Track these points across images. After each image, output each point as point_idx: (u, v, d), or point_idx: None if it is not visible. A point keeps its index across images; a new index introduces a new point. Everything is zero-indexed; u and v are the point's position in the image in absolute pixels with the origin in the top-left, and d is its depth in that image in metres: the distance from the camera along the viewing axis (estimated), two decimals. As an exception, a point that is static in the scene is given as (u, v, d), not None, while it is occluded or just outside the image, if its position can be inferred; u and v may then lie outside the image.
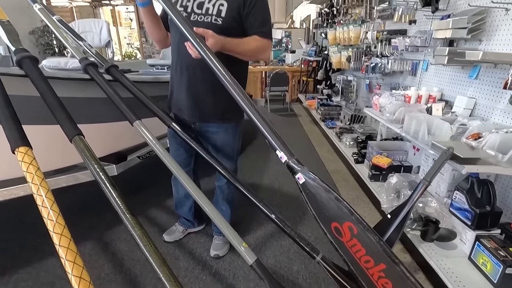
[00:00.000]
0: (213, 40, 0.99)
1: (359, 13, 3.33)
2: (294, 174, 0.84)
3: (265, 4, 1.23)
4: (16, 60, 1.14)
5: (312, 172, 0.82)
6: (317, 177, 0.81)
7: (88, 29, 2.48)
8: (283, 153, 0.85)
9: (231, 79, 0.95)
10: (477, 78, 1.64)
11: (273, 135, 0.88)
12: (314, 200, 0.78)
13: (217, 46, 1.02)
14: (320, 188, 0.78)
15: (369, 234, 0.71)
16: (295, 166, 0.83)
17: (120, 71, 1.50)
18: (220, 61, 1.00)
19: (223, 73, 0.95)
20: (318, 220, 0.74)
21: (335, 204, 0.75)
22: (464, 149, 1.29)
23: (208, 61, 0.97)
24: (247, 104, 0.91)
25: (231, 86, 0.94)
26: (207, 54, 0.97)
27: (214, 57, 0.97)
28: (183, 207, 1.72)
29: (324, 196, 0.76)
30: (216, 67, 0.96)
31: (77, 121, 1.07)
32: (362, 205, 2.16)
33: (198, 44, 0.97)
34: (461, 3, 1.76)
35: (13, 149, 0.89)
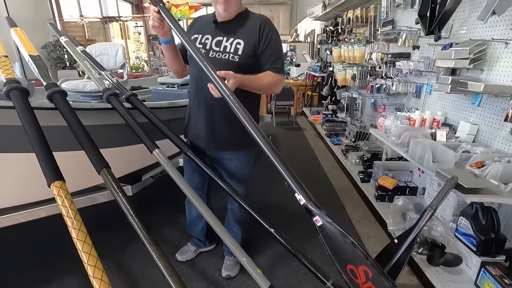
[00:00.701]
0: (233, 81, 1.08)
1: (363, 33, 3.43)
2: (312, 216, 0.89)
3: (278, 41, 1.31)
4: (48, 94, 1.23)
5: (329, 216, 0.87)
6: (334, 221, 0.86)
7: (105, 52, 2.60)
8: (302, 196, 0.90)
9: (250, 119, 1.03)
10: (480, 106, 1.70)
11: (292, 178, 0.93)
12: (331, 242, 0.83)
13: (236, 85, 1.10)
14: (337, 232, 0.83)
15: (383, 279, 0.75)
16: (313, 209, 0.88)
17: (139, 99, 1.60)
18: (236, 94, 1.09)
19: (242, 112, 1.04)
20: (334, 261, 0.80)
21: (351, 248, 0.79)
22: (468, 177, 1.34)
23: (228, 100, 1.05)
24: (267, 147, 0.98)
25: (251, 127, 1.02)
26: (227, 94, 1.05)
27: (233, 97, 1.05)
28: (196, 228, 1.78)
29: (341, 240, 0.81)
30: (236, 107, 1.04)
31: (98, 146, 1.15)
32: (369, 225, 2.20)
33: (219, 86, 1.05)
34: (462, 33, 1.84)
35: (48, 184, 0.97)
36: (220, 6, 1.24)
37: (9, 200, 1.43)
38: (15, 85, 1.12)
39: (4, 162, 1.32)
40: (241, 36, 1.28)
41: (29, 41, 1.44)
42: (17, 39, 1.44)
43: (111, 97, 1.44)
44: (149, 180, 2.05)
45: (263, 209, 2.38)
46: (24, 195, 1.46)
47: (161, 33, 1.26)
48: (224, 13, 1.26)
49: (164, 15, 1.19)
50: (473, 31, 1.75)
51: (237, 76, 1.11)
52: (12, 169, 1.36)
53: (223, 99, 1.07)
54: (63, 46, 1.60)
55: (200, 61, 1.10)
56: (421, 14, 1.95)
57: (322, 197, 2.63)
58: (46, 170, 0.98)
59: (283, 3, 11.86)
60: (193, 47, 1.16)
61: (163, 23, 1.23)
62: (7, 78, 1.17)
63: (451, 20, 1.81)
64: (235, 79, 1.08)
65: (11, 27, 1.50)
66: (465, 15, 1.82)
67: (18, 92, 1.12)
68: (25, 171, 1.40)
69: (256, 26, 1.28)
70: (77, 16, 7.67)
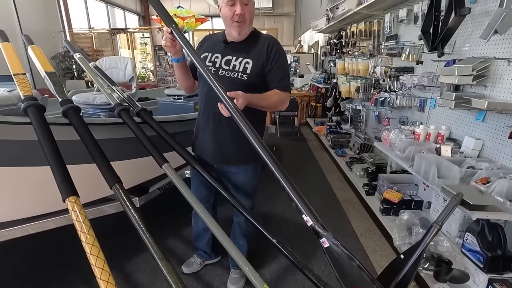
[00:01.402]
0: (242, 100, 1.12)
1: (367, 47, 3.48)
2: (319, 238, 0.90)
3: (285, 61, 1.36)
4: (63, 110, 1.27)
5: (336, 238, 0.88)
6: (340, 244, 0.87)
7: (114, 66, 2.68)
8: (309, 218, 0.91)
9: (258, 138, 1.06)
10: (484, 121, 1.72)
11: (299, 199, 0.95)
12: (337, 264, 0.84)
13: (245, 104, 1.14)
14: (343, 254, 0.84)
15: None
16: (321, 231, 0.90)
17: (148, 114, 1.64)
18: (244, 111, 1.12)
19: (250, 131, 1.07)
20: (341, 282, 0.81)
21: (358, 271, 0.80)
22: (473, 194, 1.35)
23: (237, 119, 1.08)
24: (275, 166, 1.00)
25: (259, 147, 1.05)
26: (236, 114, 1.08)
27: (242, 116, 1.09)
28: (202, 240, 1.79)
29: (347, 263, 0.82)
30: (244, 126, 1.08)
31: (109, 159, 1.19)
32: (374, 238, 2.20)
33: (229, 105, 1.09)
34: (465, 50, 1.87)
35: (63, 198, 1.00)
36: (234, 30, 1.29)
37: (23, 211, 1.46)
38: (32, 102, 1.17)
39: (18, 176, 1.36)
40: (250, 56, 1.32)
41: (45, 58, 1.50)
42: (34, 56, 1.50)
43: (122, 112, 1.49)
44: (156, 192, 2.07)
45: (268, 220, 2.41)
46: (37, 207, 1.49)
47: (173, 52, 1.32)
48: (238, 36, 1.31)
49: (177, 35, 1.24)
50: (476, 48, 1.79)
51: (246, 96, 1.15)
52: (27, 182, 1.40)
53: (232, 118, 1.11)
54: (77, 62, 1.64)
55: (211, 81, 1.14)
56: (424, 30, 1.99)
57: (327, 209, 2.64)
58: (61, 185, 1.01)
59: (287, 15, 12.08)
60: (204, 67, 1.20)
61: (175, 43, 1.29)
62: (25, 95, 1.22)
63: (454, 37, 1.85)
64: (243, 99, 1.13)
65: (28, 45, 1.56)
66: (467, 32, 1.85)
67: (35, 108, 1.17)
68: (38, 184, 1.44)
69: (264, 46, 1.33)
70: (86, 28, 7.87)
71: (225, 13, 1.28)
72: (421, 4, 2.27)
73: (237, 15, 1.25)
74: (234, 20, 1.26)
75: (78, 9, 8.03)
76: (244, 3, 1.25)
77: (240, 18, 1.25)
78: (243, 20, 1.27)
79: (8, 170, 1.31)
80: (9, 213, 1.42)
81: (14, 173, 1.33)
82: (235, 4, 1.24)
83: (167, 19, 1.26)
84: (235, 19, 1.26)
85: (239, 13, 1.24)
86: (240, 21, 1.26)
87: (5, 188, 1.33)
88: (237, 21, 1.26)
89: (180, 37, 1.25)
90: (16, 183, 1.36)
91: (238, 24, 1.27)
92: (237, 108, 1.10)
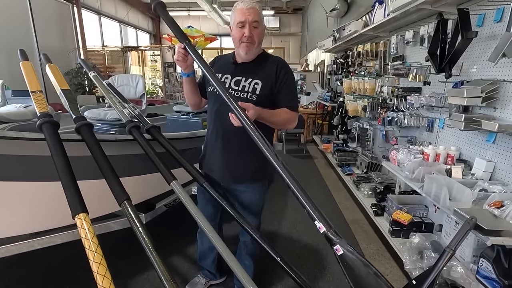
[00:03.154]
0: (253, 112, 1.15)
1: (373, 66, 3.52)
2: (332, 245, 0.87)
3: (293, 82, 1.40)
4: (76, 127, 1.30)
5: (350, 245, 0.86)
6: (355, 250, 0.84)
7: (126, 83, 2.76)
8: (322, 224, 0.89)
9: (269, 146, 1.08)
10: (495, 143, 1.70)
11: (311, 205, 0.94)
12: (352, 273, 0.80)
13: (256, 115, 1.17)
14: (358, 261, 0.80)
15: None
16: (334, 238, 0.87)
17: (158, 131, 1.66)
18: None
19: (261, 140, 1.08)
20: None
21: (374, 279, 0.77)
22: (487, 218, 1.31)
23: (248, 129, 1.10)
24: (286, 173, 1.01)
25: (271, 155, 1.06)
26: (247, 123, 1.10)
27: (253, 126, 1.11)
28: (207, 260, 1.76)
29: (363, 270, 0.79)
30: (256, 135, 1.09)
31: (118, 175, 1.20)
32: (384, 261, 2.13)
33: (240, 115, 1.11)
34: (473, 71, 1.88)
35: (73, 215, 1.00)
36: (242, 49, 1.33)
37: (32, 226, 1.47)
38: (47, 119, 1.20)
39: (31, 190, 1.37)
40: (259, 77, 1.35)
41: (62, 76, 1.56)
42: (51, 74, 1.56)
43: (133, 129, 1.51)
44: (162, 208, 2.07)
45: (273, 240, 2.36)
46: (46, 222, 1.49)
47: (184, 67, 1.37)
48: (246, 55, 1.35)
49: (190, 51, 1.28)
50: (484, 70, 1.80)
51: (257, 108, 1.18)
52: (38, 196, 1.41)
53: (243, 128, 1.12)
54: (90, 78, 1.70)
55: (222, 92, 1.17)
56: (431, 52, 2.02)
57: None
58: (72, 202, 1.02)
59: (294, 34, 12.38)
60: (216, 79, 1.22)
61: (187, 58, 1.33)
62: (40, 112, 1.26)
63: (461, 58, 1.86)
64: (254, 110, 1.16)
65: (46, 63, 1.62)
66: (475, 54, 1.87)
67: (50, 125, 1.20)
68: (49, 199, 1.45)
69: (273, 68, 1.36)
70: (100, 46, 8.16)
71: (235, 34, 1.33)
72: (427, 26, 2.31)
73: (245, 37, 1.29)
74: (243, 41, 1.30)
75: (93, 27, 8.36)
76: (253, 26, 1.30)
77: (248, 40, 1.30)
78: (251, 41, 1.31)
79: (20, 185, 1.33)
80: (18, 228, 1.43)
81: (26, 188, 1.35)
82: (245, 26, 1.29)
83: (181, 36, 1.31)
84: (243, 40, 1.30)
85: (248, 35, 1.29)
86: (248, 43, 1.30)
87: (16, 202, 1.35)
88: (245, 42, 1.30)
89: (193, 52, 1.29)
90: (28, 197, 1.37)
91: (246, 45, 1.31)
92: (248, 118, 1.11)
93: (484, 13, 1.79)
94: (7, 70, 5.73)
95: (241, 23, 1.29)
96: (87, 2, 7.89)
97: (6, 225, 1.39)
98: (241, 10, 1.29)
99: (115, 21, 9.56)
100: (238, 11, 1.29)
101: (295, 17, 12.00)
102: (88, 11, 8.08)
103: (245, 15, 1.27)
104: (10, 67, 5.80)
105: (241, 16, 1.28)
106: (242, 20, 1.28)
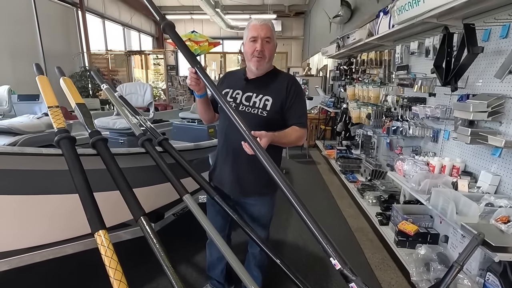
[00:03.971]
0: (266, 140, 1.17)
1: (377, 74, 3.55)
2: (348, 282, 0.90)
3: (303, 99, 1.43)
4: (91, 142, 1.33)
5: (366, 284, 0.89)
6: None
7: (134, 91, 2.79)
8: (337, 262, 0.91)
9: (282, 176, 1.09)
10: (500, 157, 1.72)
11: (327, 242, 0.95)
12: None
13: (268, 143, 1.19)
14: None
15: None
16: (350, 276, 0.90)
17: (170, 143, 1.69)
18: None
19: (275, 170, 1.10)
20: None
21: None
22: (494, 233, 1.34)
23: (261, 158, 1.12)
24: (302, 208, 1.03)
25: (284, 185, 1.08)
26: (260, 152, 1.13)
27: (265, 154, 1.13)
28: (215, 270, 1.79)
29: None
30: (268, 163, 1.11)
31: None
32: (389, 271, 2.15)
33: (253, 144, 1.13)
34: (478, 85, 1.91)
35: (93, 232, 1.03)
36: (253, 63, 1.36)
37: (47, 237, 1.49)
38: (65, 135, 1.23)
39: (48, 203, 1.40)
40: (270, 93, 1.39)
41: (76, 90, 1.59)
42: (65, 87, 1.59)
43: (146, 143, 1.54)
44: (170, 218, 2.09)
45: (280, 249, 2.38)
46: (60, 233, 1.52)
47: (197, 89, 1.39)
48: (257, 70, 1.38)
49: (201, 75, 1.30)
50: (489, 85, 1.82)
51: (269, 135, 1.20)
52: (54, 209, 1.44)
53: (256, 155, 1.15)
54: (104, 92, 1.73)
55: (236, 121, 1.19)
56: (436, 65, 2.04)
57: (339, 237, 2.61)
58: (91, 219, 1.04)
59: (296, 38, 12.44)
60: (228, 106, 1.24)
61: (199, 81, 1.36)
62: (58, 127, 1.28)
63: (467, 72, 1.89)
64: (267, 138, 1.18)
65: (60, 76, 1.66)
66: (480, 68, 1.90)
67: (68, 141, 1.23)
68: (62, 212, 1.48)
69: (284, 84, 1.39)
70: (103, 49, 8.22)
71: (247, 49, 1.36)
72: (432, 38, 2.33)
73: (257, 51, 1.33)
74: (254, 55, 1.34)
75: (96, 31, 8.42)
76: (265, 41, 1.33)
77: (259, 54, 1.33)
78: (263, 56, 1.35)
79: (37, 199, 1.35)
80: (34, 239, 1.45)
81: (42, 201, 1.37)
82: (257, 41, 1.33)
83: (193, 60, 1.33)
84: (255, 54, 1.34)
85: (259, 50, 1.32)
86: (259, 57, 1.34)
87: (33, 215, 1.37)
88: (257, 57, 1.34)
89: (204, 77, 1.31)
90: (44, 210, 1.40)
91: (257, 59, 1.35)
92: (261, 147, 1.14)
93: (490, 29, 1.82)
94: (12, 74, 5.78)
95: (254, 38, 1.33)
96: (91, 6, 7.96)
97: (22, 237, 1.41)
98: (254, 26, 1.34)
99: (119, 24, 9.63)
100: (252, 27, 1.34)
101: (297, 21, 12.07)
102: (92, 15, 8.15)
103: (258, 31, 1.32)
104: (15, 71, 5.85)
105: (254, 31, 1.33)
106: (254, 35, 1.32)
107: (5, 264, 1.45)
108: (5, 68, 5.71)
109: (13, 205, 1.28)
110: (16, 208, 1.30)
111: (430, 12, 1.96)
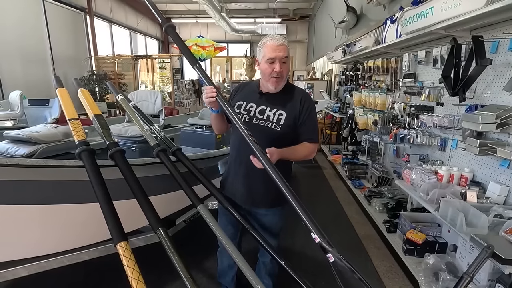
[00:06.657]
0: (276, 156, 1.23)
1: (383, 81, 3.57)
2: (325, 253, 1.05)
3: (315, 115, 1.48)
4: (110, 154, 1.38)
5: (341, 254, 1.04)
6: (344, 259, 1.02)
7: (145, 99, 2.85)
8: (317, 235, 1.06)
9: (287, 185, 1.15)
10: (509, 168, 1.74)
11: (308, 219, 1.09)
12: (342, 277, 1.01)
13: (277, 159, 1.24)
14: (346, 268, 1.01)
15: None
16: (327, 247, 1.05)
17: (183, 153, 1.74)
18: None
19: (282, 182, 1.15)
20: None
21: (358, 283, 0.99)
22: (503, 246, 1.36)
23: (270, 172, 1.17)
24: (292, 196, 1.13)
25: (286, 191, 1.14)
26: (270, 167, 1.18)
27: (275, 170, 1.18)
28: (226, 277, 1.82)
29: (350, 276, 1.00)
30: (276, 176, 1.16)
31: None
32: (397, 280, 2.17)
33: (264, 158, 1.18)
34: (487, 96, 1.93)
35: (115, 244, 1.07)
36: (272, 84, 1.40)
37: (66, 244, 1.54)
38: (86, 147, 1.28)
39: (68, 212, 1.45)
40: (284, 108, 1.42)
41: (93, 102, 1.64)
42: (83, 99, 1.64)
43: (160, 153, 1.59)
44: (182, 224, 2.13)
45: (288, 256, 2.40)
46: (77, 240, 1.57)
47: (214, 106, 1.40)
48: (274, 90, 1.42)
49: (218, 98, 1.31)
50: (498, 96, 1.84)
51: (279, 152, 1.25)
52: (74, 217, 1.48)
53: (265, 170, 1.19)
54: (119, 102, 1.78)
55: (250, 140, 1.22)
56: (444, 75, 2.07)
57: (346, 244, 2.62)
58: (113, 231, 1.08)
59: (300, 41, 12.48)
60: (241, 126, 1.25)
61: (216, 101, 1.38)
62: (79, 140, 1.33)
63: (475, 83, 1.91)
64: (277, 155, 1.24)
65: (78, 87, 1.71)
66: (488, 80, 1.92)
67: (88, 153, 1.27)
68: (78, 219, 1.53)
69: (297, 100, 1.43)
70: (111, 53, 8.33)
71: (264, 69, 1.38)
72: (440, 48, 2.36)
73: (275, 72, 1.35)
74: (273, 76, 1.37)
75: (104, 35, 8.54)
76: (282, 61, 1.36)
77: (278, 75, 1.36)
78: (281, 76, 1.37)
79: (57, 208, 1.40)
80: (54, 246, 1.50)
81: (62, 210, 1.42)
82: (275, 62, 1.35)
83: (192, 60, 1.38)
84: (273, 75, 1.36)
85: (278, 71, 1.35)
86: (278, 78, 1.37)
87: (53, 223, 1.42)
88: (275, 78, 1.37)
89: (220, 99, 1.31)
90: (63, 219, 1.45)
91: (276, 80, 1.38)
92: (270, 162, 1.18)
93: (498, 41, 1.84)
94: (22, 79, 5.89)
95: (272, 59, 1.34)
96: (99, 11, 8.08)
97: (43, 244, 1.46)
98: (271, 46, 1.34)
99: (125, 28, 9.76)
100: (268, 47, 1.35)
101: (302, 24, 12.12)
102: (100, 20, 8.27)
103: (276, 52, 1.34)
104: (25, 76, 5.96)
105: (271, 52, 1.34)
106: (272, 57, 1.34)
107: (25, 270, 1.50)
108: (16, 72, 5.82)
109: (36, 214, 1.33)
110: (39, 217, 1.35)
111: (438, 24, 1.99)
